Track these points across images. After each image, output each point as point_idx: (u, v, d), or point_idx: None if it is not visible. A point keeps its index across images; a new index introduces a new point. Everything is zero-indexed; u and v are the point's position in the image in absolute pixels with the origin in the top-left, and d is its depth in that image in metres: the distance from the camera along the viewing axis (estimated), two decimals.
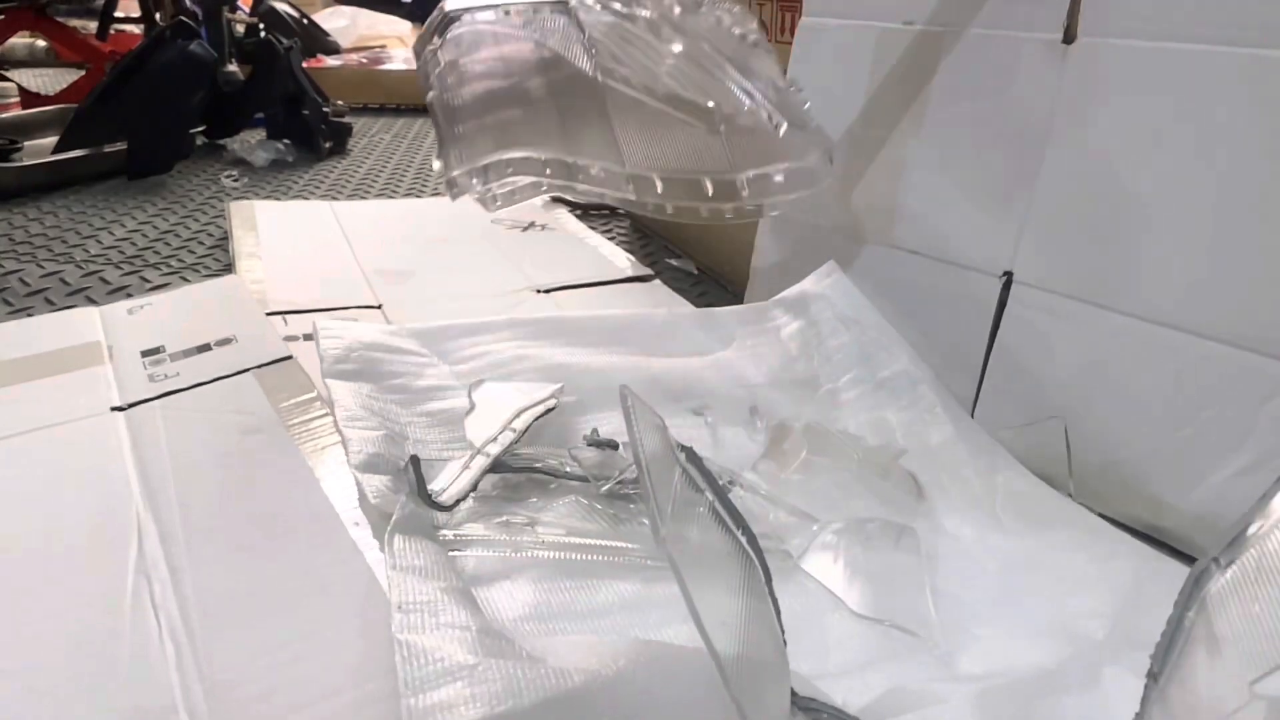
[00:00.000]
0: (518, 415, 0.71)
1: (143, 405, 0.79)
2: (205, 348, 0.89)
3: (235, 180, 1.82)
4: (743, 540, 0.44)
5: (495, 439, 0.68)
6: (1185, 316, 0.69)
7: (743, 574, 0.43)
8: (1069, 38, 0.75)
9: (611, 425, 0.74)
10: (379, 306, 1.09)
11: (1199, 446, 0.69)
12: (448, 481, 0.64)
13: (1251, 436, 0.66)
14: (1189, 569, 0.41)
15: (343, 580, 0.58)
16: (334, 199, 1.71)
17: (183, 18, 1.91)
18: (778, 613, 0.43)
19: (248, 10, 2.79)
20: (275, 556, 0.60)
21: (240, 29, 2.47)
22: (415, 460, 0.62)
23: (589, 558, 0.61)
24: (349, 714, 0.49)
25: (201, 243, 1.41)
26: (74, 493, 0.67)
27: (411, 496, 0.60)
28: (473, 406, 0.73)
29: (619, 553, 0.62)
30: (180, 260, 1.33)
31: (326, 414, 0.77)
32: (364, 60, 3.20)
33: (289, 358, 0.87)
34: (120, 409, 0.78)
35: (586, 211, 1.65)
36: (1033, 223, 0.79)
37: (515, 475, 0.68)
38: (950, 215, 0.87)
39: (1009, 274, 0.81)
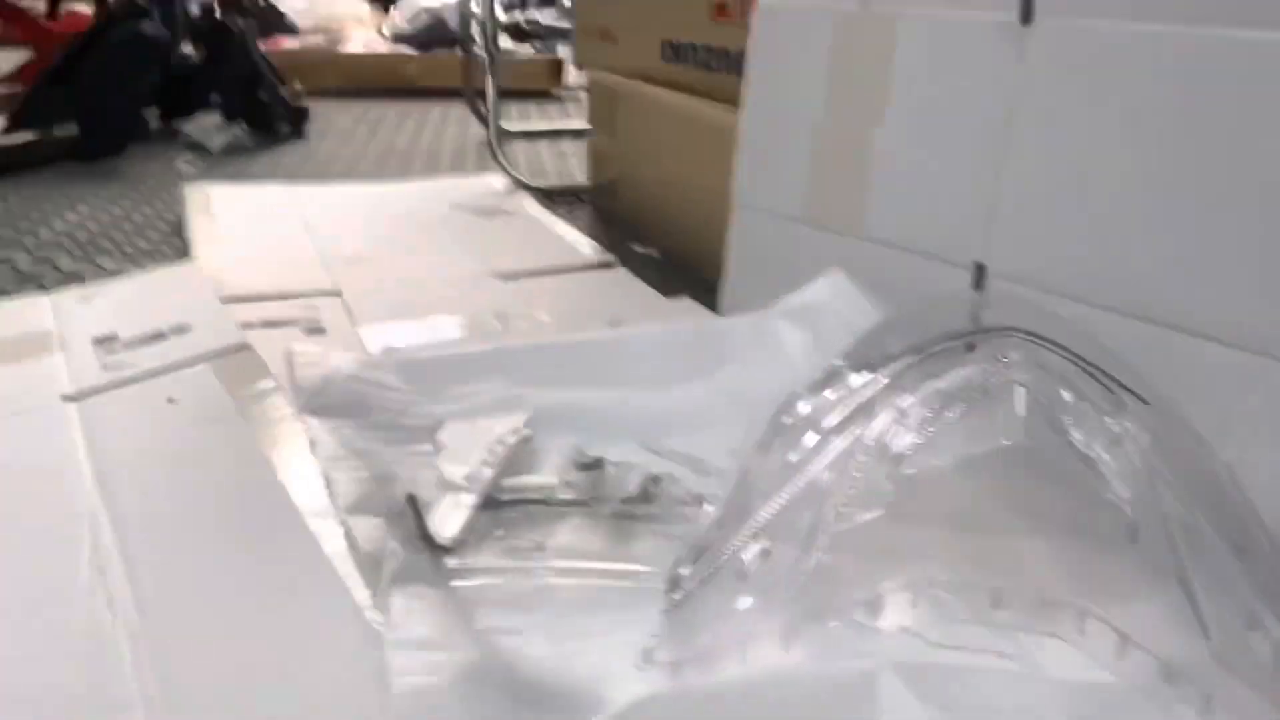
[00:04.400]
0: (493, 447, 0.69)
1: (95, 395, 0.77)
2: (160, 335, 0.87)
3: (191, 164, 1.79)
4: None
5: (477, 473, 0.66)
6: (1159, 309, 0.68)
7: None
8: (1026, 18, 0.73)
9: (596, 448, 0.72)
10: (339, 293, 1.07)
11: None
12: (440, 522, 0.61)
13: (1230, 433, 0.63)
14: None
15: (299, 571, 0.57)
16: (292, 183, 1.68)
17: None
18: None
19: None
20: (232, 548, 0.59)
21: (195, 9, 2.42)
22: (413, 500, 0.61)
23: (602, 582, 0.59)
24: (304, 705, 0.48)
25: (157, 228, 1.38)
26: (24, 485, 0.66)
27: (407, 541, 0.58)
28: (441, 448, 0.71)
29: (632, 576, 0.60)
30: (135, 246, 1.30)
31: (285, 403, 0.75)
32: (323, 42, 3.15)
33: (246, 345, 0.85)
34: (72, 398, 0.76)
35: (550, 197, 1.64)
36: (1001, 212, 0.78)
37: (509, 509, 0.66)
38: (918, 205, 0.85)
39: (981, 265, 0.79)
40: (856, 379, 0.58)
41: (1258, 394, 0.63)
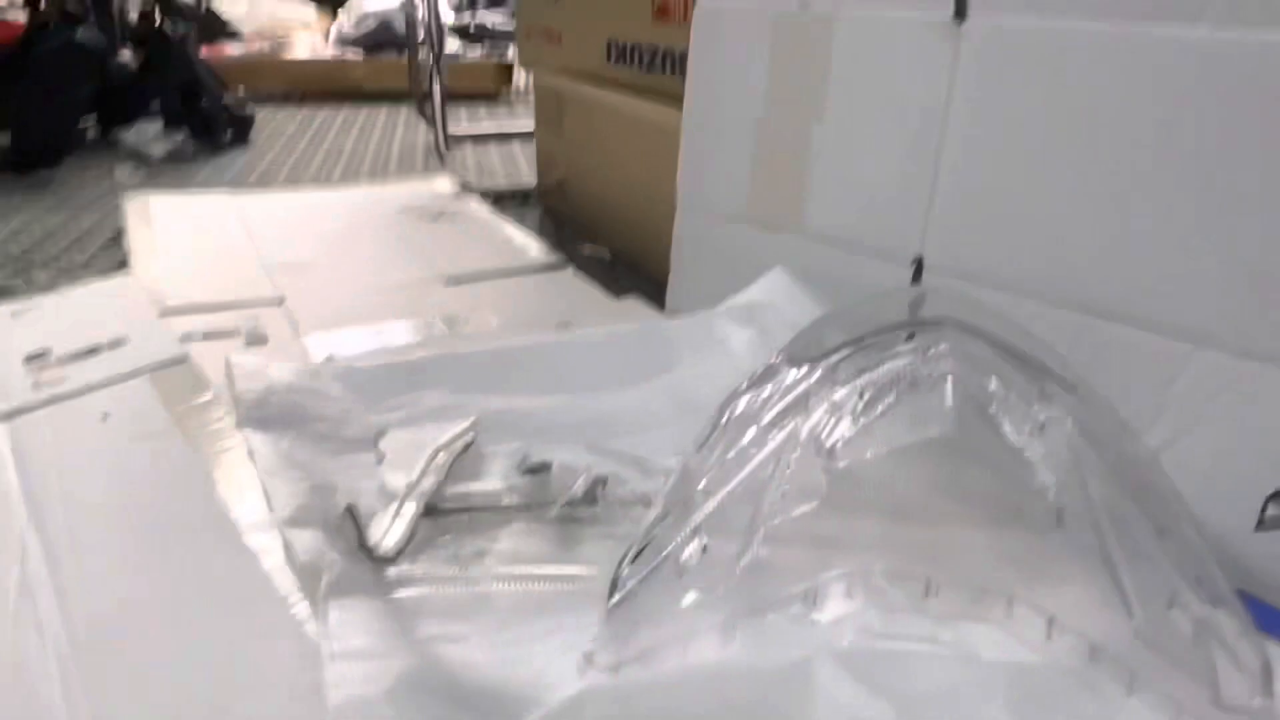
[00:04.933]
0: (436, 455, 0.68)
1: (26, 413, 0.75)
2: (94, 350, 0.86)
3: (130, 174, 1.76)
4: None
5: (419, 483, 0.65)
6: (1091, 298, 0.70)
7: None
8: (960, 14, 0.75)
9: (543, 452, 0.70)
10: (281, 301, 1.06)
11: None
12: (381, 532, 0.60)
13: (1162, 417, 0.66)
14: None
15: (237, 587, 0.56)
16: (235, 191, 1.66)
17: (68, 4, 1.84)
18: None
19: None
20: (169, 569, 0.58)
21: (133, 15, 2.38)
22: (352, 510, 0.60)
23: (545, 586, 0.58)
24: None
25: (94, 240, 1.36)
26: None
27: (347, 552, 0.57)
28: (383, 457, 0.70)
29: (576, 579, 0.59)
30: (70, 259, 1.27)
31: (225, 416, 0.74)
32: (267, 48, 3.12)
33: (185, 358, 0.84)
34: (1, 418, 0.74)
35: (498, 199, 1.63)
36: (938, 207, 0.79)
37: (452, 517, 0.65)
38: (858, 202, 0.86)
39: (919, 259, 0.81)
40: (794, 374, 0.58)
41: (1185, 379, 0.65)
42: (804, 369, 0.57)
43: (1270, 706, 0.46)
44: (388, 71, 2.84)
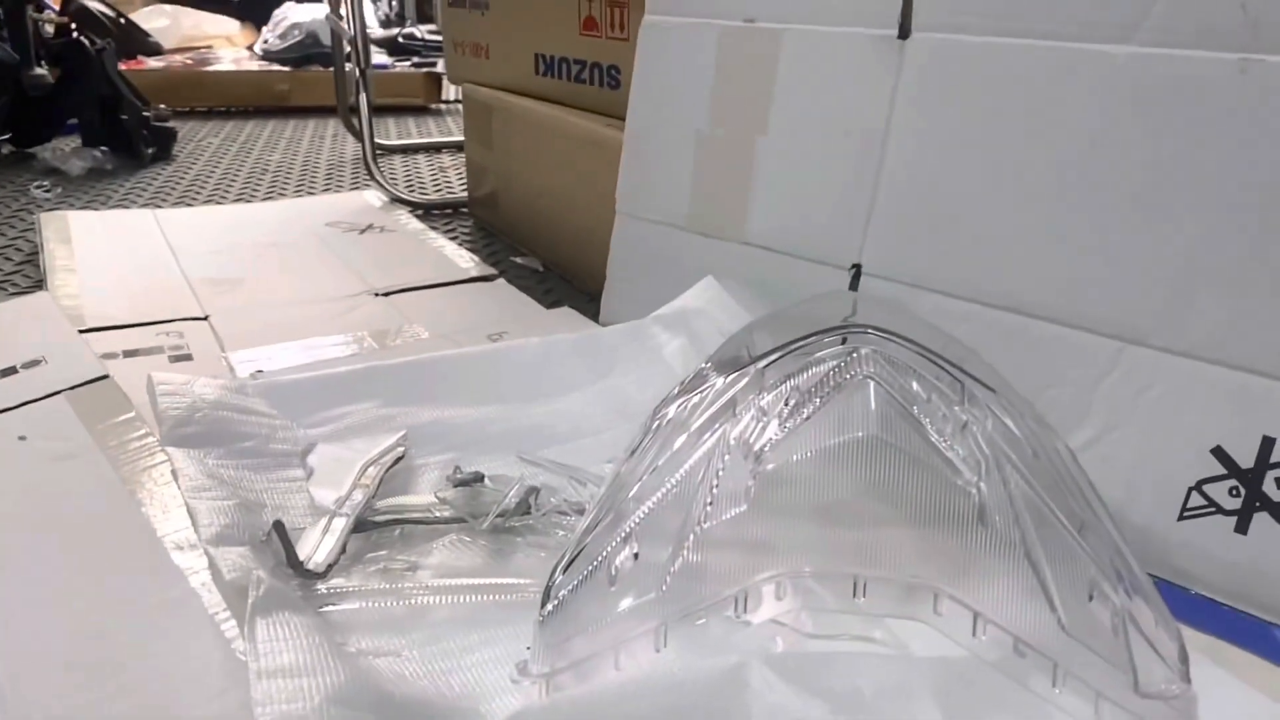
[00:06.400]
0: (366, 469, 0.68)
1: None
2: (10, 371, 0.83)
3: (47, 191, 1.71)
4: None
5: (348, 497, 0.64)
6: (1022, 299, 0.72)
7: None
8: (904, 33, 0.77)
9: (475, 464, 0.71)
10: (206, 318, 1.04)
11: None
12: (311, 548, 0.59)
13: (1089, 414, 0.69)
14: None
15: (163, 607, 0.55)
16: (157, 207, 1.63)
17: None
18: None
19: (57, 9, 2.63)
20: (93, 590, 0.57)
21: (49, 29, 2.32)
22: (280, 526, 0.58)
23: (479, 598, 0.58)
24: None
25: (9, 258, 1.32)
26: None
27: (275, 568, 0.56)
28: (311, 472, 0.69)
29: (510, 590, 0.59)
30: None
31: (147, 434, 0.73)
32: (189, 61, 3.06)
33: (105, 377, 0.82)
34: None
35: (428, 211, 1.62)
36: (878, 215, 0.81)
37: (383, 531, 0.64)
38: (799, 210, 0.88)
39: (857, 266, 0.83)
40: (722, 380, 0.58)
41: (1115, 375, 0.68)
42: (732, 374, 0.58)
43: (1187, 691, 0.47)
44: (315, 84, 2.80)
